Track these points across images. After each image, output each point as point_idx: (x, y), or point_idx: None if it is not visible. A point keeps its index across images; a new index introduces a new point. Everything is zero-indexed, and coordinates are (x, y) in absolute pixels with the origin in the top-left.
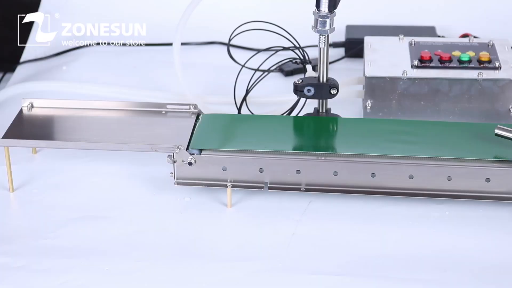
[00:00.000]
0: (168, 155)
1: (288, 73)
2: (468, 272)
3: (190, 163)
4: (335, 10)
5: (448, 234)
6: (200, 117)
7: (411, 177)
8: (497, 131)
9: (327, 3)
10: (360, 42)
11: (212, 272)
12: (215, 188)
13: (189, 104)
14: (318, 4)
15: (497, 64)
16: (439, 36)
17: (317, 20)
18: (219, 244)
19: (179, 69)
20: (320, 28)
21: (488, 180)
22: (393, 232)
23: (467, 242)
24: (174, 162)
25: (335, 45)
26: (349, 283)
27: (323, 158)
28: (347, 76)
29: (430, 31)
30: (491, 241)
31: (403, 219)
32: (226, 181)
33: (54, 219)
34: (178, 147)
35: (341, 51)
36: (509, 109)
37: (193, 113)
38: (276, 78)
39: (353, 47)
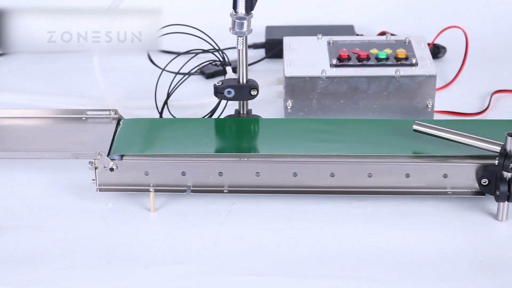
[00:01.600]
0: (89, 162)
1: (209, 76)
2: (391, 267)
3: (111, 169)
4: (252, 12)
5: (371, 230)
6: (121, 122)
7: (332, 175)
8: (415, 126)
9: (243, 5)
10: (280, 43)
11: (138, 278)
12: (138, 193)
13: (109, 110)
14: (235, 6)
15: (414, 61)
16: (357, 35)
17: (234, 21)
18: (144, 249)
19: (99, 75)
20: (237, 30)
21: (408, 175)
22: (316, 230)
23: (389, 237)
24: (95, 168)
25: (256, 46)
26: (275, 282)
27: (245, 159)
28: (268, 77)
29: (348, 30)
30: (412, 236)
31: (325, 217)
32: (149, 185)
33: None
34: (99, 153)
35: (261, 52)
36: (427, 105)
37: (113, 118)
38: (197, 81)
39: (273, 48)
